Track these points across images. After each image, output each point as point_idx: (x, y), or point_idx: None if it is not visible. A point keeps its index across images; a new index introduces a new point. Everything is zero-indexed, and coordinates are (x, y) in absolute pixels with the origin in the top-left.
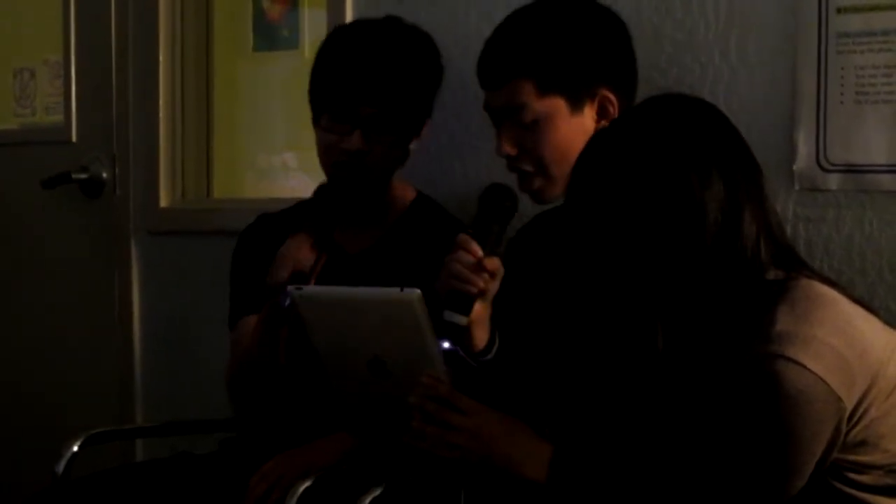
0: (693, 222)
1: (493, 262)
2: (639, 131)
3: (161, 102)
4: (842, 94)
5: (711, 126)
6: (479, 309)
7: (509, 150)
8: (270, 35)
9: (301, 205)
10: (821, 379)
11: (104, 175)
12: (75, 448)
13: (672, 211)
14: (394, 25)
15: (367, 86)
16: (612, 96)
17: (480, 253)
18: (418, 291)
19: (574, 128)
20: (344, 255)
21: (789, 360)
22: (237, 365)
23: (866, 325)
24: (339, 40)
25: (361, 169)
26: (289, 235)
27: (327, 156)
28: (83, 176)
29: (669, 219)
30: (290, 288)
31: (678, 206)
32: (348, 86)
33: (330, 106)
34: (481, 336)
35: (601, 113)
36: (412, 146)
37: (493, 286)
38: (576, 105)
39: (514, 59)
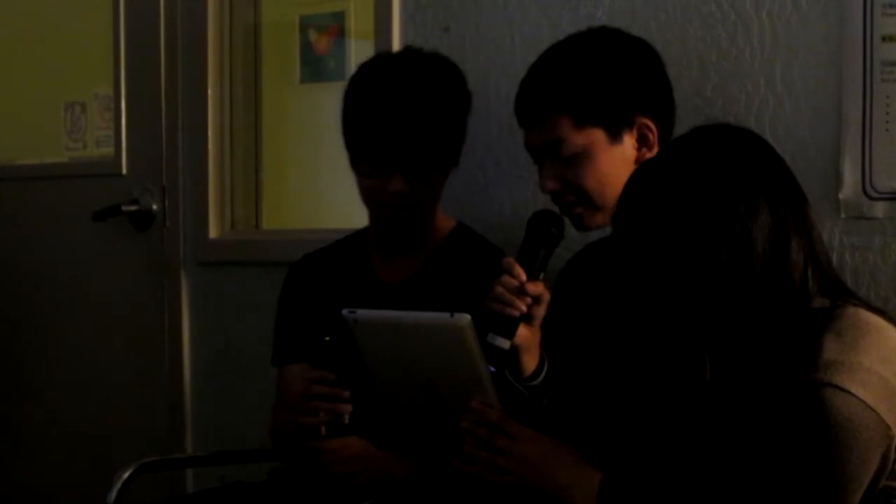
0: (741, 253)
1: (538, 287)
2: (686, 162)
3: (210, 134)
4: (887, 121)
5: (758, 156)
6: (527, 334)
7: (552, 185)
8: (317, 67)
9: (340, 243)
10: (868, 406)
11: (154, 207)
12: (126, 477)
13: (720, 241)
14: (416, 60)
15: (404, 131)
16: (650, 123)
17: (524, 277)
18: (468, 317)
19: (614, 157)
20: (383, 287)
21: (837, 387)
22: (280, 424)
23: None
24: (367, 84)
25: (407, 209)
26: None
27: (372, 199)
28: (133, 208)
29: (717, 249)
30: (344, 311)
31: (726, 237)
32: (386, 135)
33: (367, 154)
34: (530, 361)
35: (641, 141)
36: (452, 175)
37: (539, 311)
38: (614, 135)
39: (548, 96)
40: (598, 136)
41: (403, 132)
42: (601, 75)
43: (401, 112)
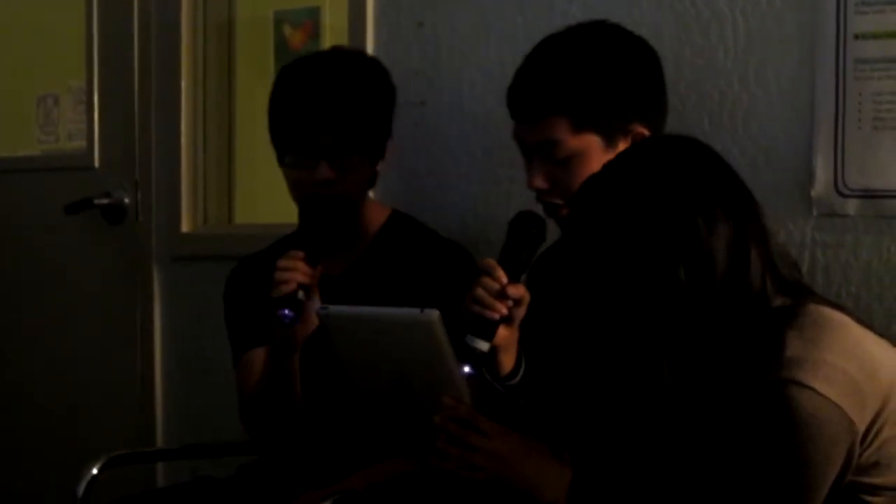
0: (702, 267)
1: (518, 289)
2: (639, 177)
3: (183, 128)
4: (859, 119)
5: (710, 167)
6: (506, 334)
7: (540, 184)
8: None
9: (279, 243)
10: (833, 402)
11: (126, 201)
12: (95, 471)
13: (680, 254)
14: (338, 54)
15: (322, 115)
16: (645, 131)
17: (505, 279)
18: (437, 312)
19: None
20: (327, 278)
21: (801, 384)
22: (250, 398)
23: (876, 348)
24: (288, 78)
25: (333, 197)
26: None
27: (298, 190)
28: (105, 202)
29: (677, 262)
30: (317, 308)
31: (686, 250)
32: (304, 120)
33: (291, 144)
34: (508, 361)
35: None
36: (379, 168)
37: (519, 313)
38: (610, 142)
39: (549, 96)
40: (594, 141)
41: (324, 117)
42: (604, 80)
43: (320, 98)
